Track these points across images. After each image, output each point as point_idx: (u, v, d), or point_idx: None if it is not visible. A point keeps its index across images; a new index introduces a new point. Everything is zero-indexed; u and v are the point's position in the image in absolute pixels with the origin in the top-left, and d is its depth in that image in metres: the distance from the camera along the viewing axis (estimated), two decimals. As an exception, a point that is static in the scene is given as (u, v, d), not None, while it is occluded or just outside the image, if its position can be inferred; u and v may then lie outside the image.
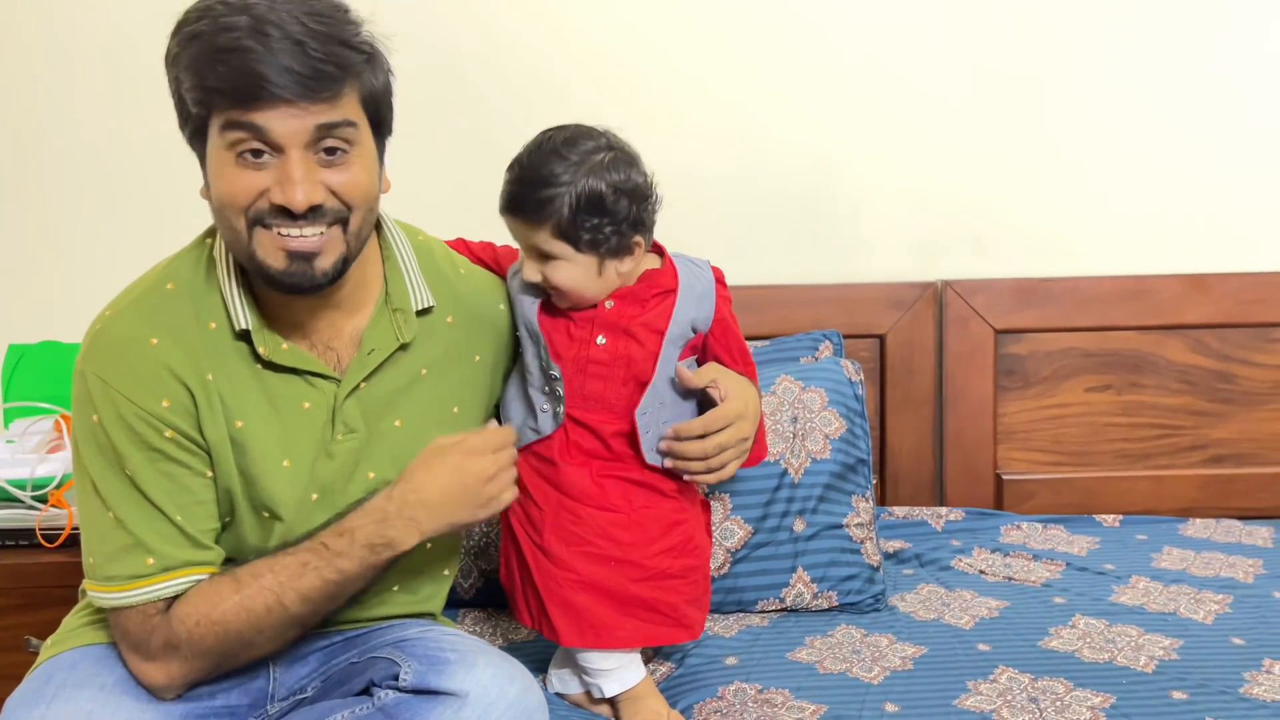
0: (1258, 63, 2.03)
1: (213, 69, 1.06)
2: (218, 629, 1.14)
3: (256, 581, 1.15)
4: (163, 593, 1.15)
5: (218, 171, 1.11)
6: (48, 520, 1.71)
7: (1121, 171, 2.06)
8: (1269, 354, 2.05)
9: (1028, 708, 1.30)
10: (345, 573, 1.15)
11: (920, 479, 2.06)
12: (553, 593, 1.31)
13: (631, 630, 1.32)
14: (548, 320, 1.32)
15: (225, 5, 1.08)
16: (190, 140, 1.14)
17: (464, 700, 1.09)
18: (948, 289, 2.03)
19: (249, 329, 1.17)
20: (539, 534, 1.32)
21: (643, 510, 1.33)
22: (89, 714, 1.10)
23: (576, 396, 1.31)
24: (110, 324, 1.17)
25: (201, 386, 1.16)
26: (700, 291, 1.34)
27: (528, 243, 1.29)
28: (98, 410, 1.13)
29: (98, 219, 2.07)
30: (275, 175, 1.09)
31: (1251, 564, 1.77)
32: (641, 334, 1.30)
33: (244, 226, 1.11)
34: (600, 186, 1.24)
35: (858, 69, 2.05)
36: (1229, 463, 2.06)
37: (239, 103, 1.06)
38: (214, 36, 1.06)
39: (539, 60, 2.04)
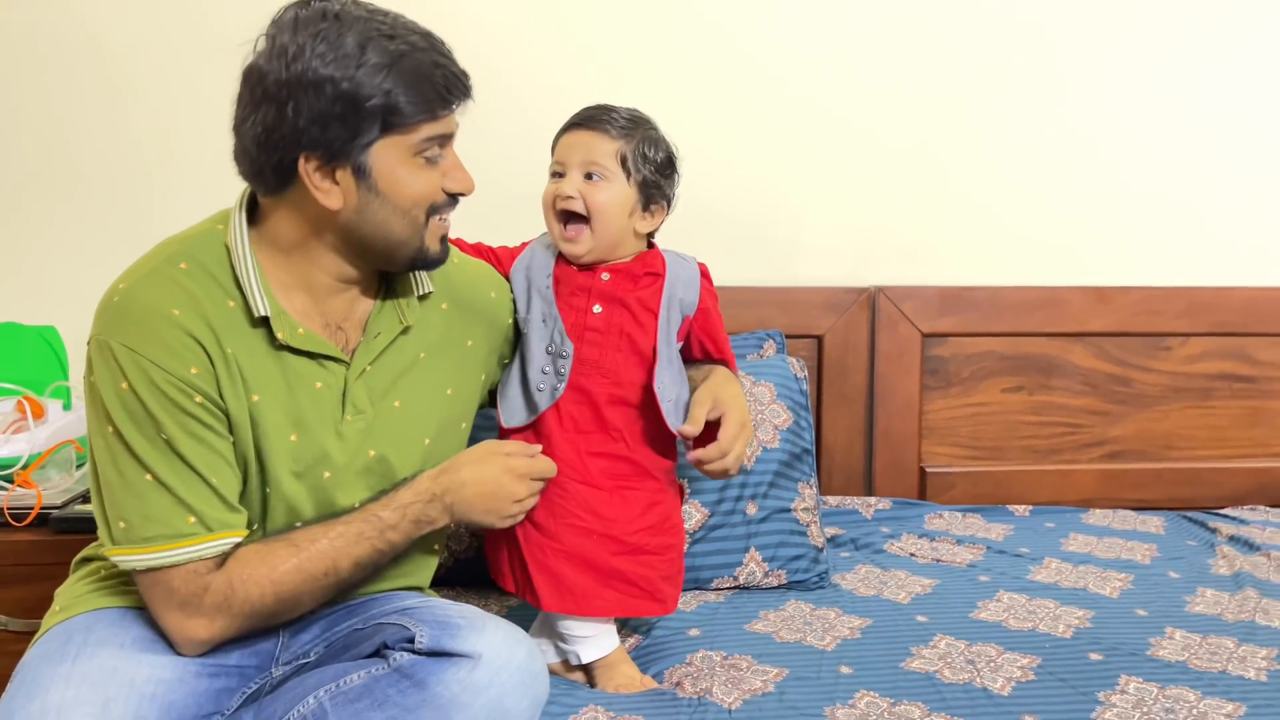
0: (1152, 96, 2.25)
1: (427, 81, 1.19)
2: (277, 589, 1.22)
3: (313, 546, 1.24)
4: (207, 551, 1.20)
5: (407, 176, 1.22)
6: (15, 500, 1.73)
7: (1036, 192, 2.26)
8: (1160, 361, 2.26)
9: (966, 668, 1.45)
10: (394, 544, 1.28)
11: (852, 470, 2.22)
12: (538, 561, 1.41)
13: (610, 600, 1.43)
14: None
15: (401, 25, 1.21)
16: (334, 156, 1.19)
17: (477, 661, 1.17)
18: (880, 294, 2.18)
19: (268, 316, 1.23)
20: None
21: (624, 489, 1.44)
22: (114, 670, 1.16)
23: (578, 359, 1.42)
24: (129, 295, 1.20)
25: (222, 357, 1.21)
26: (686, 279, 1.47)
27: (585, 156, 1.40)
28: (128, 377, 1.17)
29: (58, 204, 2.07)
30: (445, 167, 1.26)
31: (1147, 548, 1.97)
32: (634, 307, 1.43)
33: (424, 218, 1.25)
34: (661, 148, 1.45)
35: (798, 89, 2.20)
36: (1124, 458, 2.27)
37: (441, 114, 1.22)
38: (421, 54, 1.19)
39: (495, 74, 2.13)
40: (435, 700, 1.15)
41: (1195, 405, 2.27)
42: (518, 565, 1.44)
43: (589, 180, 1.41)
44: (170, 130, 2.07)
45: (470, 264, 1.48)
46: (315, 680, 1.21)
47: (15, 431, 1.81)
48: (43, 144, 2.06)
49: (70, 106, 2.06)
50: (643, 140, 1.42)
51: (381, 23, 1.19)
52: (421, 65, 1.18)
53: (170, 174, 2.08)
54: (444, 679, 1.16)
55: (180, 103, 2.07)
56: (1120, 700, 1.35)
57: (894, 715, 1.32)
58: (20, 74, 2.05)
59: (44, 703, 1.10)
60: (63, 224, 2.06)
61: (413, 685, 1.16)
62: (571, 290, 1.44)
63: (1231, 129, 2.27)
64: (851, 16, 2.19)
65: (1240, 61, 2.25)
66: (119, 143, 2.07)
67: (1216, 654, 1.49)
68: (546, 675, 1.26)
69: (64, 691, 1.12)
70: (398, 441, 1.33)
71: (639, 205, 1.43)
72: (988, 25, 2.21)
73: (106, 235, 2.06)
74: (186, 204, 2.05)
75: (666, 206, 1.47)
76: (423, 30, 1.22)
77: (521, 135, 1.71)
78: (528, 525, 1.41)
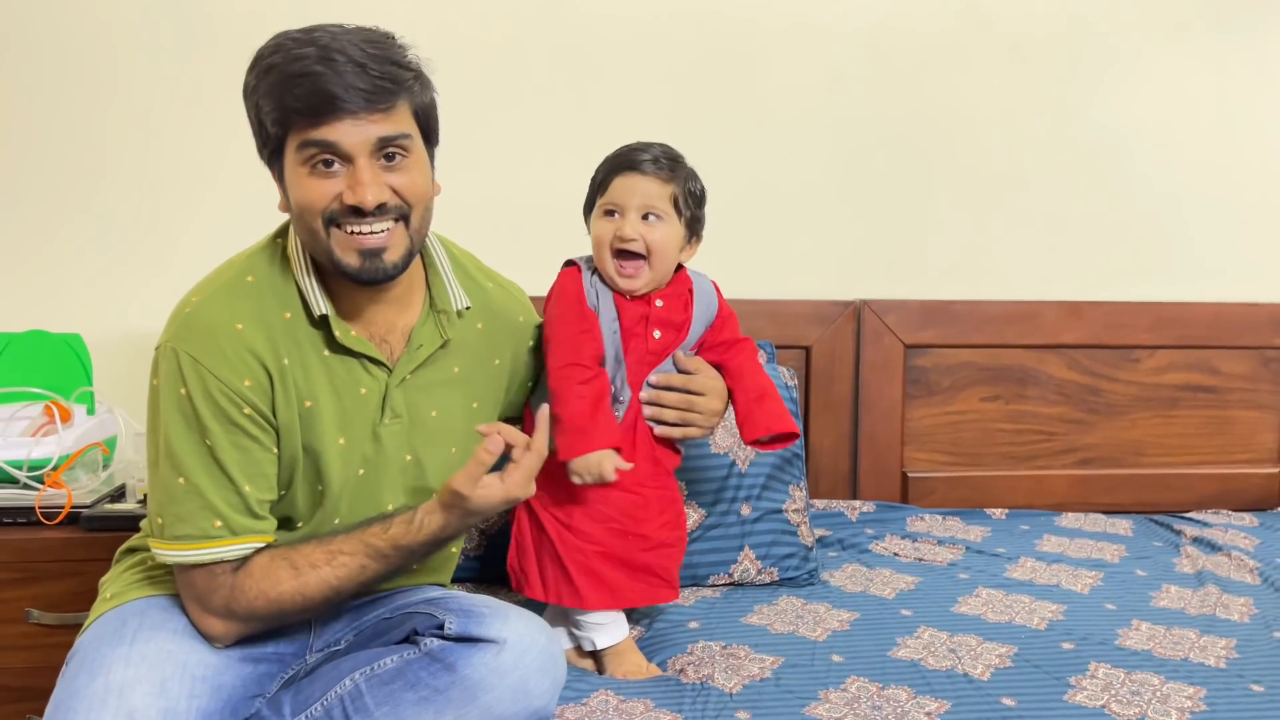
0: (1121, 120, 2.38)
1: (289, 92, 1.22)
2: (273, 605, 1.30)
3: (315, 573, 1.31)
4: (228, 555, 1.29)
5: (296, 183, 1.27)
6: (47, 499, 1.81)
7: (1013, 211, 2.38)
8: (1129, 372, 2.39)
9: (949, 656, 1.56)
10: (393, 568, 1.35)
11: (838, 475, 2.33)
12: (579, 564, 1.51)
13: (639, 591, 1.56)
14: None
15: (294, 40, 1.25)
16: (269, 161, 1.31)
17: (503, 646, 1.27)
18: (865, 307, 2.30)
19: (327, 314, 1.33)
20: (566, 512, 1.51)
21: (654, 490, 1.56)
22: (169, 652, 1.25)
23: (636, 383, 1.53)
24: (199, 309, 1.30)
25: (278, 369, 1.31)
26: (706, 295, 1.61)
27: (642, 200, 1.50)
28: (187, 385, 1.26)
29: (85, 212, 2.16)
30: (346, 181, 1.26)
31: (1116, 548, 2.09)
32: (683, 328, 1.56)
33: (321, 227, 1.27)
34: (698, 182, 1.57)
35: (787, 108, 2.31)
36: (1095, 465, 2.39)
37: (313, 119, 1.23)
38: (287, 65, 1.23)
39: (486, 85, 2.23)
40: (464, 682, 1.25)
41: (1162, 414, 2.40)
42: (551, 570, 1.53)
43: (646, 221, 1.50)
44: (194, 143, 2.16)
45: (506, 287, 1.58)
46: (351, 664, 1.31)
47: (44, 434, 1.90)
48: (69, 157, 2.15)
49: (96, 120, 2.14)
50: (687, 179, 1.54)
51: (289, 37, 1.24)
52: (286, 74, 1.22)
53: (193, 186, 2.17)
54: (472, 662, 1.26)
55: (204, 115, 2.16)
56: (1090, 684, 1.47)
57: (883, 698, 1.43)
58: (47, 87, 2.13)
59: (106, 682, 1.19)
60: (88, 235, 2.15)
61: (443, 668, 1.26)
62: (633, 320, 1.54)
63: (1196, 152, 2.40)
64: (838, 39, 2.31)
65: (1202, 87, 2.38)
66: (144, 155, 2.16)
67: (1179, 644, 1.61)
68: (565, 659, 1.36)
69: (124, 671, 1.21)
70: (432, 448, 1.44)
71: (686, 239, 1.56)
72: (968, 49, 2.33)
73: (130, 246, 2.15)
74: (209, 216, 2.16)
75: (701, 238, 1.60)
76: (326, 42, 1.22)
77: (518, 149, 1.80)
78: (562, 529, 1.52)
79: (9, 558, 1.77)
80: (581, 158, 1.60)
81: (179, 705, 1.21)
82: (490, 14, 2.22)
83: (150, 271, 2.15)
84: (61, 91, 2.13)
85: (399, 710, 1.25)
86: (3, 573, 1.77)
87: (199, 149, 2.16)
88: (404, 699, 1.26)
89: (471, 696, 1.25)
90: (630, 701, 1.41)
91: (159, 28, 2.13)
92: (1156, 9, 2.35)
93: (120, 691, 1.19)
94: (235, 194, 2.15)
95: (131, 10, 2.12)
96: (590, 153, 1.57)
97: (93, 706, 1.17)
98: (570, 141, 2.20)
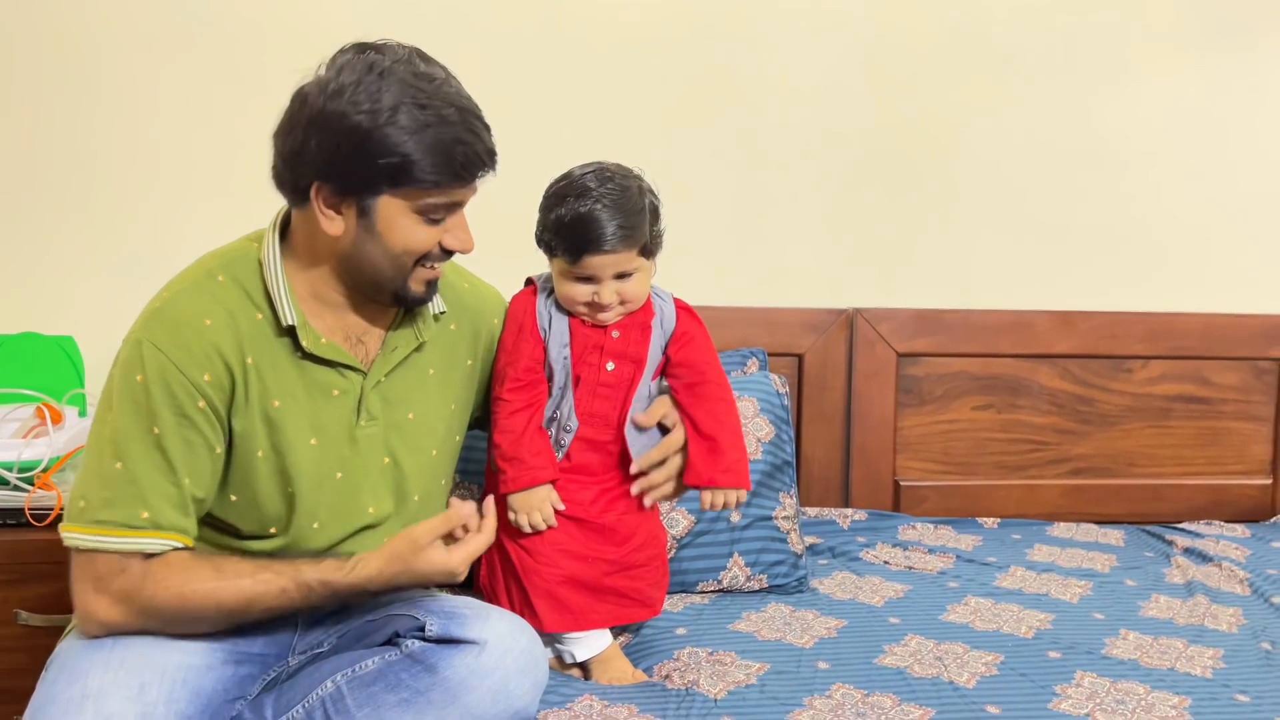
0: (1114, 132, 2.38)
1: (450, 154, 1.27)
2: (180, 603, 1.27)
3: (236, 582, 1.28)
4: (146, 547, 1.26)
5: (400, 226, 1.30)
6: (36, 501, 1.81)
7: (1006, 221, 2.39)
8: (1121, 382, 2.39)
9: (934, 664, 1.56)
10: (331, 585, 1.31)
11: (830, 483, 2.33)
12: (536, 586, 1.50)
13: (604, 613, 1.54)
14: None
15: (433, 93, 1.27)
16: (347, 191, 1.29)
17: (483, 647, 1.27)
18: (858, 316, 2.30)
19: (294, 325, 1.33)
20: (525, 539, 1.50)
21: (621, 516, 1.55)
22: (148, 657, 1.25)
23: (586, 414, 1.51)
24: (170, 303, 1.31)
25: (241, 368, 1.31)
26: (665, 317, 1.56)
27: (618, 270, 1.45)
28: (144, 371, 1.26)
29: (79, 215, 2.16)
30: (450, 225, 1.34)
31: (1107, 558, 2.09)
32: (640, 360, 1.52)
33: (411, 264, 1.33)
34: (652, 198, 1.50)
35: (781, 118, 2.32)
36: (1087, 474, 2.39)
37: (459, 184, 1.31)
38: (444, 129, 1.27)
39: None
40: (445, 683, 1.25)
41: (1154, 425, 2.40)
42: (515, 591, 1.52)
43: (624, 280, 1.47)
44: (189, 147, 2.17)
45: (481, 288, 1.59)
46: (332, 666, 1.31)
47: (35, 436, 1.90)
48: (63, 159, 2.15)
49: (91, 122, 2.15)
50: (647, 218, 1.47)
51: (422, 89, 1.25)
52: (444, 139, 1.25)
53: (188, 191, 2.18)
54: (453, 663, 1.26)
55: (200, 120, 2.16)
56: (1075, 692, 1.47)
57: (867, 705, 1.43)
58: (42, 90, 2.13)
59: (84, 687, 1.19)
60: (81, 238, 2.15)
61: (424, 669, 1.26)
62: (585, 348, 1.51)
63: (1189, 164, 2.40)
64: (832, 49, 2.31)
65: (1194, 98, 2.39)
66: (138, 159, 2.16)
67: (1166, 653, 1.61)
68: (547, 661, 1.36)
69: (102, 676, 1.21)
70: (411, 450, 1.44)
71: (653, 267, 1.54)
72: (962, 60, 2.34)
73: (123, 249, 2.15)
74: (204, 220, 2.16)
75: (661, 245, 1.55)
76: (462, 104, 1.28)
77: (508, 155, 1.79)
78: (522, 553, 1.51)
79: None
80: (572, 163, 1.59)
81: (156, 710, 1.21)
82: (482, 21, 2.22)
83: (143, 275, 2.11)
84: (56, 94, 2.14)
85: (380, 712, 1.26)
86: (-9, 574, 1.77)
87: (194, 153, 2.16)
88: (385, 700, 1.26)
89: (452, 698, 1.25)
90: (614, 706, 1.41)
91: (155, 32, 2.14)
92: (1149, 21, 2.36)
93: (97, 696, 1.19)
94: (230, 199, 2.15)
95: (128, 14, 2.13)
96: (581, 158, 1.55)
97: (68, 712, 1.17)
98: (562, 149, 2.18)
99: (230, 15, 2.14)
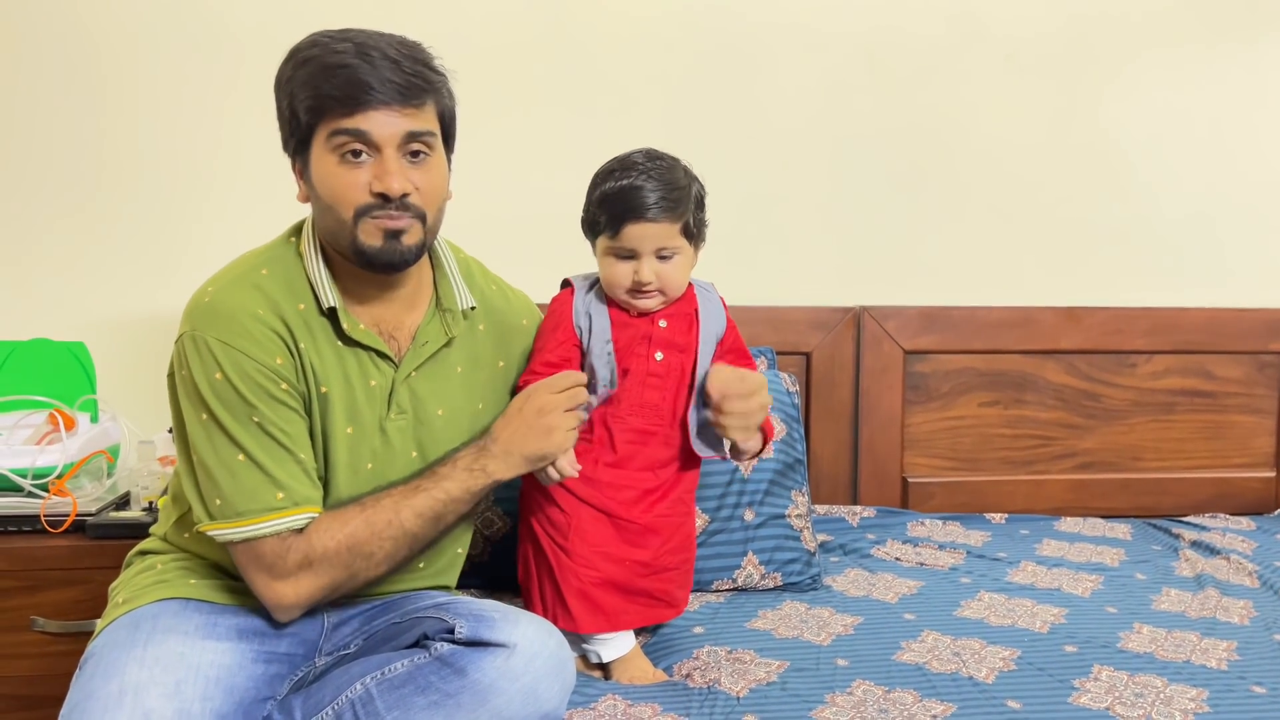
0: (1117, 128, 2.40)
1: (326, 81, 1.28)
2: (348, 540, 1.33)
3: (378, 503, 1.36)
4: (295, 524, 1.31)
5: (325, 172, 1.31)
6: (51, 508, 1.81)
7: (1010, 217, 2.40)
8: (1127, 377, 2.41)
9: (952, 660, 1.57)
10: (450, 493, 1.38)
11: (838, 481, 2.34)
12: (572, 586, 1.51)
13: (635, 614, 1.55)
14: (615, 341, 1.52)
15: (331, 37, 1.31)
16: (294, 151, 1.34)
17: (513, 650, 1.28)
18: (865, 314, 2.31)
19: (335, 306, 1.35)
20: (563, 536, 1.51)
21: (661, 518, 1.55)
22: (182, 655, 1.26)
23: (637, 405, 1.52)
24: (218, 297, 1.33)
25: (297, 353, 1.34)
26: (713, 308, 1.59)
27: (655, 244, 1.47)
28: (222, 368, 1.29)
29: (90, 222, 2.17)
30: (374, 170, 1.30)
31: (1116, 552, 2.10)
32: (688, 349, 1.54)
33: (351, 218, 1.31)
34: (698, 185, 1.51)
35: (787, 120, 2.33)
36: (1093, 469, 2.41)
37: (348, 108, 1.28)
38: (326, 57, 1.29)
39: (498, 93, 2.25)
40: (474, 686, 1.26)
41: (1159, 419, 2.42)
42: (549, 591, 1.53)
43: (662, 260, 1.49)
44: (202, 154, 2.17)
45: (510, 292, 1.60)
46: (361, 669, 1.31)
47: (49, 442, 1.90)
48: (74, 165, 2.15)
49: (103, 130, 2.15)
50: (692, 200, 1.50)
51: (327, 33, 1.31)
52: (319, 70, 1.28)
53: (198, 196, 2.18)
54: (482, 666, 1.27)
55: (210, 124, 2.16)
56: (1094, 686, 1.48)
57: (889, 701, 1.44)
58: (51, 96, 2.13)
59: (121, 683, 1.20)
60: (92, 244, 2.16)
61: (454, 672, 1.27)
62: (632, 339, 1.53)
63: (1191, 159, 2.43)
64: (836, 46, 2.32)
65: (1198, 94, 2.41)
66: (150, 166, 2.17)
67: (1181, 646, 1.63)
68: (574, 664, 1.37)
69: (139, 673, 1.21)
70: (437, 446, 1.46)
71: (696, 252, 1.55)
72: (964, 56, 2.36)
73: (134, 256, 2.16)
74: (213, 225, 2.17)
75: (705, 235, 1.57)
76: (362, 40, 1.29)
77: (518, 155, 1.81)
78: (559, 553, 1.52)
79: (14, 566, 1.77)
80: (581, 165, 1.59)
81: (193, 707, 1.22)
82: (490, 20, 2.23)
83: (154, 281, 2.16)
84: (66, 99, 2.14)
85: (409, 714, 1.26)
86: (8, 581, 1.77)
87: (205, 158, 2.17)
88: (414, 703, 1.26)
89: (482, 700, 1.26)
90: (638, 706, 1.42)
91: (163, 37, 2.14)
92: (1152, 17, 2.38)
93: (135, 692, 1.19)
94: (240, 203, 2.16)
95: (136, 19, 2.13)
96: (590, 160, 1.57)
97: (108, 708, 1.18)
98: (570, 148, 2.21)
99: (242, 23, 2.14)
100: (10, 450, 1.86)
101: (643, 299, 1.51)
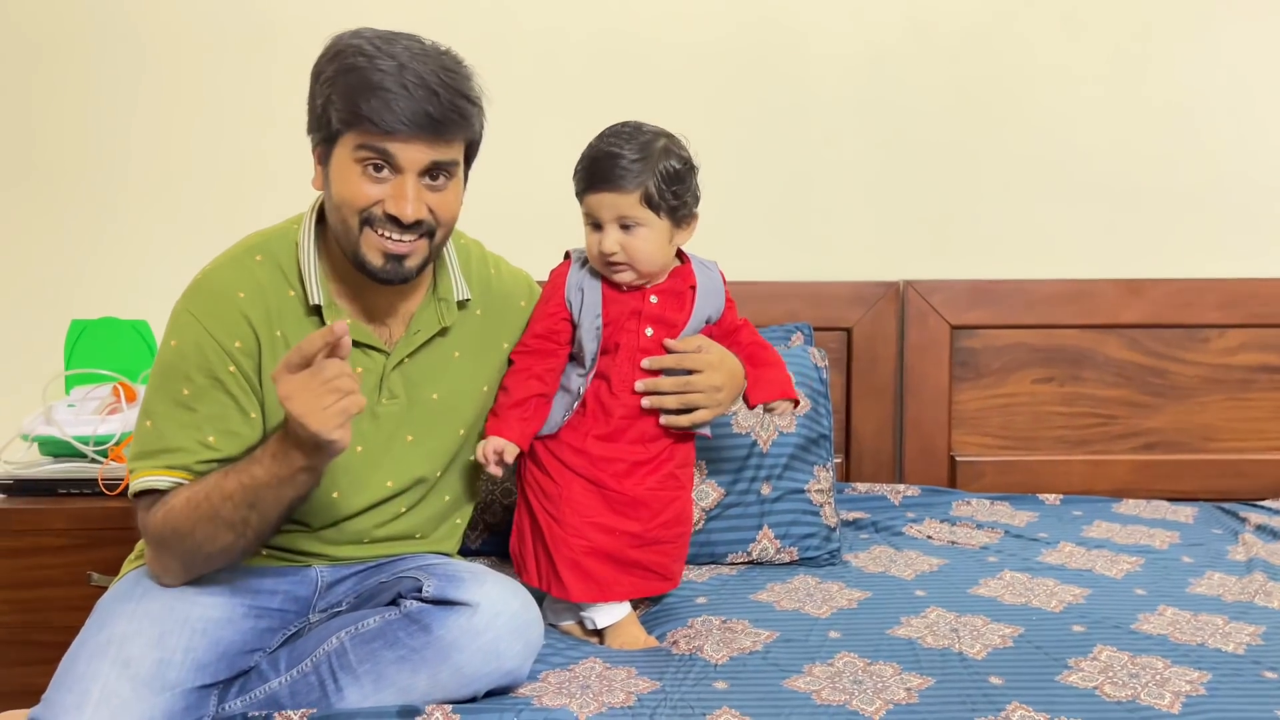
0: (1182, 87, 2.28)
1: (364, 100, 1.30)
2: (170, 517, 1.32)
3: (201, 482, 1.33)
4: (156, 484, 1.35)
5: (343, 175, 1.35)
6: (109, 472, 1.95)
7: (1065, 185, 2.30)
8: (1197, 352, 2.28)
9: (949, 636, 1.53)
10: (256, 477, 1.29)
11: (881, 459, 2.30)
12: (564, 556, 1.53)
13: (628, 585, 1.56)
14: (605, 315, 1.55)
15: (377, 47, 1.33)
16: (319, 142, 1.38)
17: (475, 609, 1.32)
18: (909, 288, 2.26)
19: (320, 304, 1.41)
20: (555, 506, 1.54)
21: (652, 491, 1.57)
22: (171, 608, 1.34)
23: (627, 381, 1.54)
24: (207, 276, 1.42)
25: (270, 340, 1.40)
26: (712, 289, 1.60)
27: (615, 213, 1.48)
28: (180, 337, 1.37)
29: (155, 207, 2.31)
30: (391, 190, 1.34)
31: (1169, 535, 2.00)
32: (679, 326, 1.56)
33: (356, 224, 1.36)
34: (676, 161, 1.50)
35: (828, 89, 2.30)
36: (1159, 449, 2.29)
37: (379, 130, 1.31)
38: (368, 73, 1.31)
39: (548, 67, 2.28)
40: (438, 642, 1.31)
41: (1234, 397, 2.28)
42: (543, 561, 1.56)
43: (625, 230, 1.50)
44: (258, 139, 2.29)
45: (508, 274, 1.63)
46: (339, 623, 1.38)
47: (111, 413, 2.04)
48: (138, 153, 2.31)
49: (165, 119, 2.30)
50: (659, 169, 1.48)
51: (370, 42, 1.32)
52: (360, 85, 1.30)
53: (256, 181, 2.30)
54: (446, 623, 1.31)
55: (268, 113, 2.28)
56: (1089, 665, 1.42)
57: (867, 673, 1.41)
58: (119, 90, 2.29)
59: (109, 633, 1.29)
60: (156, 228, 2.31)
61: (419, 629, 1.32)
62: (623, 314, 1.55)
63: (1269, 119, 2.27)
64: (880, 17, 2.27)
65: (1272, 51, 2.25)
66: (210, 151, 2.30)
67: (1201, 630, 1.54)
68: (541, 624, 1.40)
69: (126, 625, 1.31)
70: (434, 429, 1.51)
71: (672, 229, 1.53)
72: (1015, 20, 2.27)
73: (195, 238, 2.28)
74: (271, 208, 2.25)
75: (696, 215, 1.56)
76: (408, 61, 1.30)
77: (555, 138, 1.82)
78: (551, 523, 1.54)
79: (74, 524, 1.92)
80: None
81: (174, 656, 1.30)
82: (525, 3, 2.27)
83: (211, 262, 2.29)
84: (137, 91, 2.29)
85: (379, 668, 1.32)
86: (68, 538, 1.92)
87: (263, 147, 2.29)
88: (384, 657, 1.32)
89: (444, 656, 1.30)
90: (614, 669, 1.44)
91: (225, 34, 2.27)
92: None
93: (120, 642, 1.28)
94: (299, 188, 2.26)
95: (214, 18, 2.26)
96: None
97: (94, 655, 1.27)
98: (604, 122, 2.23)
99: (294, 18, 2.25)
100: (77, 419, 2.01)
101: (613, 272, 1.53)
